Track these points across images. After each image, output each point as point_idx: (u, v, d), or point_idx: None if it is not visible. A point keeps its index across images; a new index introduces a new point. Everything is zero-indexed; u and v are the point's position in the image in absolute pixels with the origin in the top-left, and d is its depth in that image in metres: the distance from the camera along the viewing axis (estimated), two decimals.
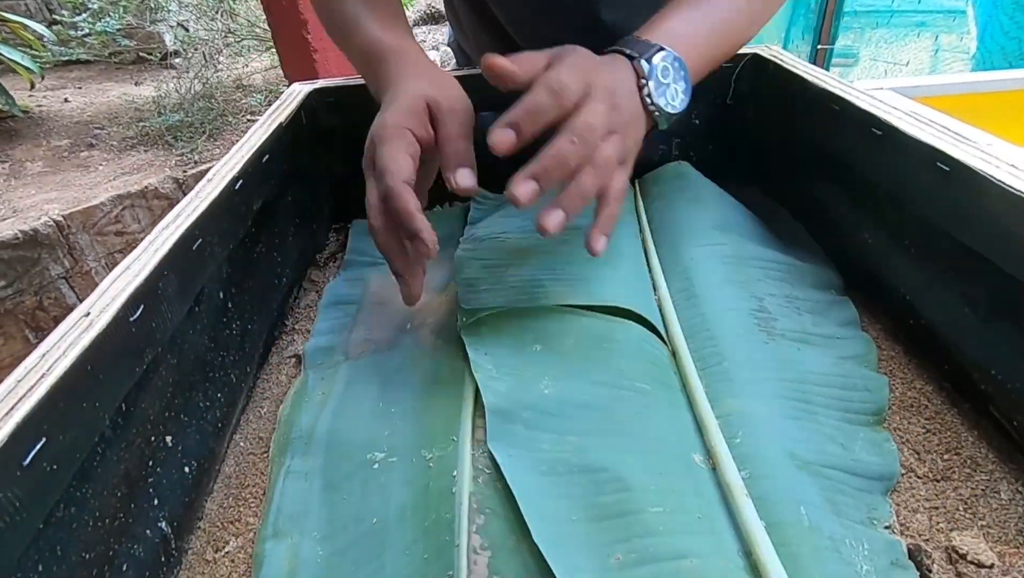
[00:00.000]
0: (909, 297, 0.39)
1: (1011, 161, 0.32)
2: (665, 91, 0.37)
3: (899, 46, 2.23)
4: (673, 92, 0.37)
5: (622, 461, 0.30)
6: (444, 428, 0.32)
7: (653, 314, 0.41)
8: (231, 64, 2.18)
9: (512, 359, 0.35)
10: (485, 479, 0.29)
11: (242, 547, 0.31)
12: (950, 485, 0.30)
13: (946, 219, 0.34)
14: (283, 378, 0.43)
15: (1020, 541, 0.28)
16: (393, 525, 0.29)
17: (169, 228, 0.31)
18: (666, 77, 0.37)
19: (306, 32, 1.19)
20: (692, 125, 0.63)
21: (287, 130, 0.48)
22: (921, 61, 2.23)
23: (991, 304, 0.32)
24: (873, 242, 0.42)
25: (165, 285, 0.29)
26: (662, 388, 0.35)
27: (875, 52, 2.25)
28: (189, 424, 0.32)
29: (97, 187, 1.49)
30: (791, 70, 0.49)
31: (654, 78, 0.36)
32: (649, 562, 0.25)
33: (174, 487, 0.30)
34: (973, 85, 0.58)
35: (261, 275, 0.44)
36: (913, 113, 0.39)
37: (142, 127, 1.76)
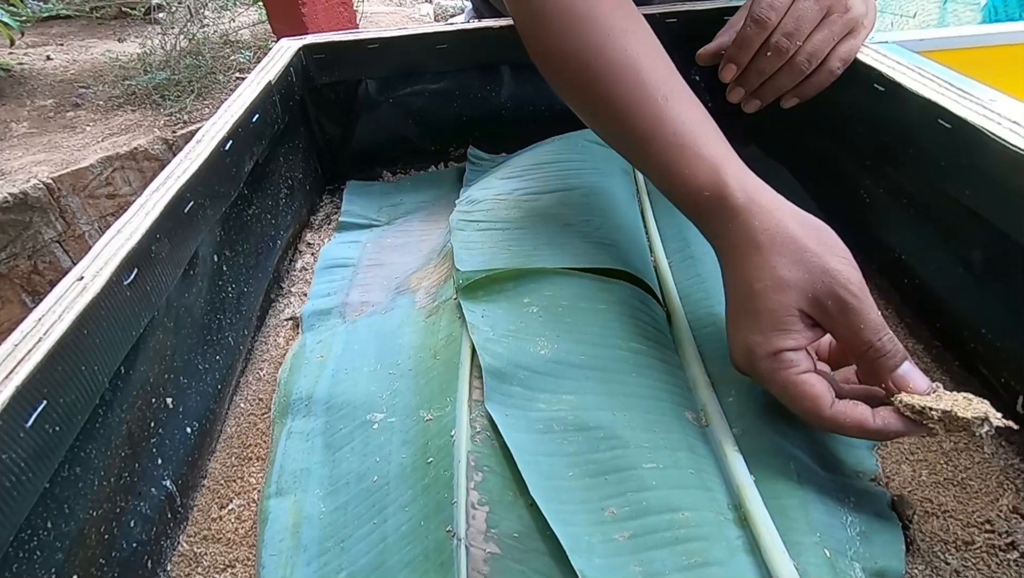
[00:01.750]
0: (904, 256, 0.39)
1: (1013, 117, 0.31)
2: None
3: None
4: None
5: (617, 419, 0.30)
6: (442, 389, 0.32)
7: (649, 276, 0.41)
8: (217, 19, 2.10)
9: (508, 321, 0.35)
10: (483, 438, 0.30)
11: (246, 505, 0.32)
12: (935, 440, 0.31)
13: (945, 177, 0.34)
14: (280, 341, 0.43)
15: (999, 493, 0.29)
16: (394, 483, 0.30)
17: (159, 191, 0.31)
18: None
19: None
20: (692, 83, 0.61)
21: (276, 88, 0.47)
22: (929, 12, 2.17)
23: (985, 263, 0.32)
24: (870, 201, 0.42)
25: (158, 248, 0.28)
26: (657, 348, 0.35)
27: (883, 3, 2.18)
28: (189, 386, 0.33)
29: (86, 148, 1.46)
30: None
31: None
32: (642, 515, 0.26)
33: (177, 447, 0.31)
34: (980, 38, 0.56)
35: (255, 237, 0.43)
36: (917, 68, 0.39)
37: (128, 86, 1.72)
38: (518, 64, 0.58)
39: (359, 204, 0.58)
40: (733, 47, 0.45)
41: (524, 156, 0.55)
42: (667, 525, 0.26)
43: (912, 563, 0.26)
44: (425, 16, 2.79)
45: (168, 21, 1.96)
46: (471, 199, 0.50)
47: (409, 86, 0.59)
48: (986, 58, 0.54)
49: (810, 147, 0.49)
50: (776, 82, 0.45)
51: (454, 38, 0.56)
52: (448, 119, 0.60)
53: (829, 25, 0.42)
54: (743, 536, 0.26)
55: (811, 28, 0.42)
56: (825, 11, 0.42)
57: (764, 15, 0.42)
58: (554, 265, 0.39)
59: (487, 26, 0.55)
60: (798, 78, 0.44)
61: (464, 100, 0.59)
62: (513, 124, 0.60)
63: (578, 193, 0.47)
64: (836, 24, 0.42)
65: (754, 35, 0.43)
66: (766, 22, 0.42)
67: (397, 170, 0.63)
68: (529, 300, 0.37)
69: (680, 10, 0.56)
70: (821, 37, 0.42)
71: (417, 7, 2.92)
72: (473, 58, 0.57)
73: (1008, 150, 0.29)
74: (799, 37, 0.42)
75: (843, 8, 0.42)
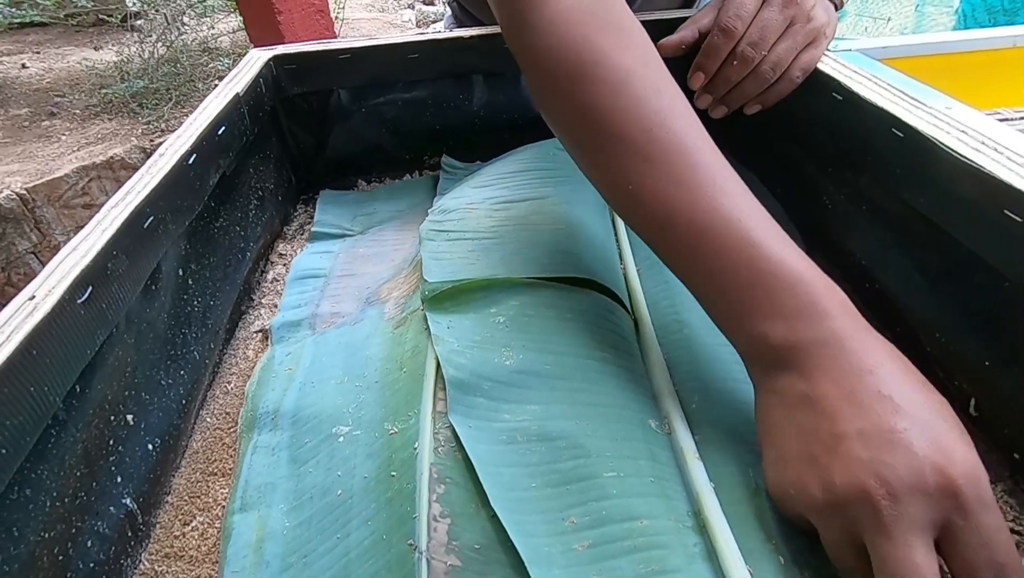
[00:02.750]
0: (865, 262, 0.39)
1: (962, 126, 0.32)
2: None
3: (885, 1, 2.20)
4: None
5: (580, 428, 0.30)
6: (407, 401, 0.32)
7: (618, 284, 0.41)
8: (196, 26, 2.09)
9: (474, 332, 0.35)
10: (446, 450, 0.30)
11: (210, 521, 0.32)
12: None
13: (900, 184, 0.34)
14: (250, 353, 0.43)
15: None
16: (357, 496, 0.30)
17: (118, 206, 0.31)
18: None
19: None
20: None
21: (244, 100, 0.47)
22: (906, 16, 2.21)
23: (938, 269, 0.33)
24: (832, 207, 0.43)
25: (115, 265, 0.28)
26: (623, 356, 0.36)
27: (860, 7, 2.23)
28: (151, 402, 0.32)
29: (61, 158, 1.44)
30: None
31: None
32: (602, 524, 0.26)
33: (138, 464, 0.31)
34: (941, 46, 0.57)
35: (223, 250, 0.43)
36: (874, 77, 0.39)
37: (105, 94, 1.70)
38: (490, 73, 0.58)
39: (332, 213, 0.58)
40: (701, 55, 0.46)
41: (497, 165, 0.56)
42: (626, 534, 0.26)
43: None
44: (407, 22, 2.79)
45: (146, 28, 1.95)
46: (443, 208, 0.50)
47: (382, 95, 0.59)
48: (946, 65, 0.56)
49: (778, 154, 0.50)
50: (742, 90, 0.45)
51: (426, 48, 0.56)
52: (422, 128, 0.60)
53: (792, 35, 0.43)
54: (701, 543, 0.26)
55: (775, 38, 0.43)
56: (789, 21, 0.43)
57: (731, 25, 0.43)
58: (522, 275, 0.39)
59: (459, 36, 0.55)
60: (763, 86, 0.44)
61: (437, 109, 0.59)
62: (487, 132, 0.61)
63: (549, 202, 0.48)
64: (799, 34, 0.43)
65: (721, 44, 0.44)
66: (733, 32, 0.43)
67: (372, 179, 0.63)
68: (496, 310, 0.37)
69: (651, 19, 0.56)
70: (785, 47, 0.43)
71: (399, 13, 2.92)
72: (445, 67, 0.57)
73: (955, 159, 0.29)
74: (764, 47, 0.43)
75: (805, 18, 0.43)
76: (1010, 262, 0.27)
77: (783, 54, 0.43)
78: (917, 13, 2.23)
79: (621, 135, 0.30)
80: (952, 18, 2.08)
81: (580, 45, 0.32)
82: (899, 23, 2.22)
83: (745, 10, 0.43)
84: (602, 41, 0.32)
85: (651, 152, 0.29)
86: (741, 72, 0.44)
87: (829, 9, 0.45)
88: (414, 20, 2.81)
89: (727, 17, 0.43)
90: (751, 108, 0.46)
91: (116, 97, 1.69)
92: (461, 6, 0.72)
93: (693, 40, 0.47)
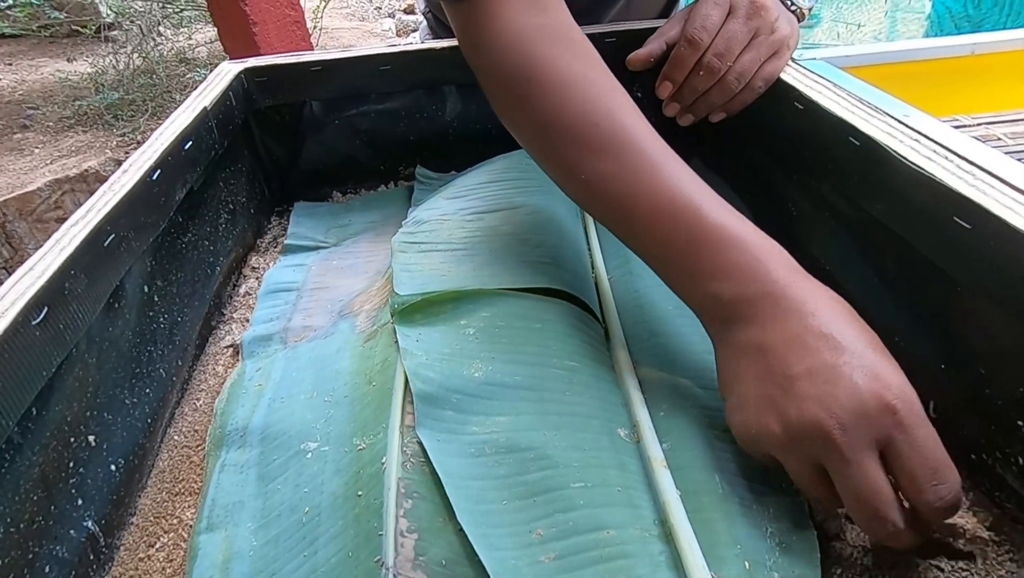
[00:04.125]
0: (829, 267, 0.40)
1: (917, 135, 0.33)
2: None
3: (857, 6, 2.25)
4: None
5: (548, 439, 0.30)
6: (375, 416, 0.32)
7: (589, 294, 0.41)
8: (173, 36, 2.07)
9: (444, 344, 0.35)
10: (413, 465, 0.30)
11: (176, 542, 0.31)
12: None
13: (858, 191, 0.35)
14: (220, 369, 0.42)
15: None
16: (325, 513, 0.30)
17: (78, 224, 0.30)
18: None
19: (243, 4, 1.13)
20: (635, 98, 0.63)
21: (212, 113, 0.46)
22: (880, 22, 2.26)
23: (895, 274, 0.33)
24: (798, 213, 0.43)
25: (73, 285, 0.28)
26: (592, 365, 0.36)
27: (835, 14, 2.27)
28: (115, 422, 0.32)
29: (33, 171, 1.42)
30: None
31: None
32: (569, 536, 0.27)
33: (100, 486, 0.30)
34: (903, 54, 0.59)
35: (191, 265, 0.43)
36: (833, 87, 0.40)
37: (79, 106, 1.68)
38: (463, 84, 0.58)
39: (306, 226, 0.57)
40: (668, 66, 0.47)
41: (470, 175, 0.56)
42: (593, 544, 0.26)
43: (831, 569, 0.27)
44: (387, 31, 2.80)
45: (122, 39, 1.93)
46: (416, 220, 0.50)
47: (356, 107, 0.59)
48: (908, 73, 0.57)
49: (747, 162, 0.51)
50: (708, 99, 0.46)
51: (398, 60, 0.56)
52: (396, 139, 0.60)
53: (757, 46, 0.44)
54: (666, 551, 0.26)
55: (740, 49, 0.44)
56: (753, 32, 0.44)
57: (697, 36, 0.44)
58: (493, 286, 0.39)
59: (430, 47, 0.56)
60: (728, 96, 0.45)
61: (411, 120, 0.60)
62: (461, 143, 0.61)
63: (521, 212, 0.48)
64: (763, 45, 0.44)
65: (688, 55, 0.45)
66: (699, 43, 0.44)
67: (347, 190, 0.63)
68: (466, 322, 0.37)
69: (619, 29, 0.57)
70: (749, 57, 0.44)
71: (379, 22, 2.92)
72: (418, 79, 0.58)
73: (908, 167, 0.30)
74: (729, 57, 0.44)
75: (769, 30, 0.44)
76: (960, 268, 0.28)
77: (748, 64, 0.44)
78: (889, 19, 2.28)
79: (572, 130, 0.33)
80: (924, 24, 2.14)
81: (528, 55, 0.34)
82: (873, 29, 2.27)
83: (711, 22, 0.44)
84: (549, 50, 0.34)
85: (600, 143, 0.32)
86: (707, 82, 0.45)
87: (792, 21, 0.47)
88: (394, 29, 2.81)
89: (693, 28, 0.44)
90: (716, 116, 0.47)
91: (90, 109, 1.67)
92: (436, 18, 0.73)
93: (661, 52, 0.48)
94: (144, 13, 1.92)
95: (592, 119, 0.32)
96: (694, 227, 0.29)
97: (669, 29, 0.48)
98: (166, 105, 1.72)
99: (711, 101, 0.46)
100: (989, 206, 0.26)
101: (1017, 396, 0.26)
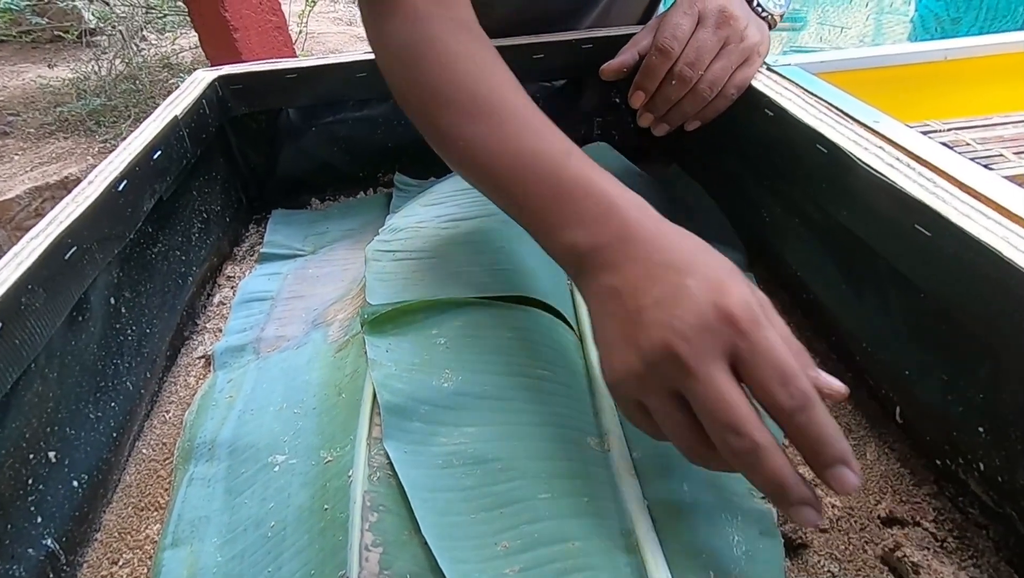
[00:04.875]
0: (800, 273, 0.40)
1: (882, 142, 0.33)
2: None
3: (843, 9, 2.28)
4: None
5: (516, 449, 0.30)
6: (343, 428, 0.32)
7: (564, 301, 0.41)
8: (157, 42, 2.06)
9: (414, 354, 0.35)
10: (380, 477, 0.29)
11: (140, 558, 0.31)
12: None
13: (826, 198, 0.35)
14: (191, 380, 0.42)
15: (879, 496, 0.30)
16: (291, 528, 0.29)
17: (38, 238, 0.30)
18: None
19: (224, 10, 1.13)
20: (613, 104, 0.63)
21: (184, 122, 0.46)
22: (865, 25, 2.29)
23: (863, 280, 0.34)
24: (770, 219, 0.44)
25: (31, 299, 0.27)
26: (564, 373, 0.36)
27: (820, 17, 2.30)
28: (77, 437, 0.31)
29: (13, 179, 1.40)
30: None
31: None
32: (534, 548, 0.26)
33: (61, 503, 0.29)
34: (875, 59, 0.59)
35: (161, 276, 0.42)
36: (802, 93, 0.41)
37: (60, 112, 1.66)
38: None
39: (283, 233, 0.57)
40: (640, 76, 0.47)
41: (448, 182, 0.56)
42: (557, 556, 0.26)
43: (795, 574, 0.27)
44: None
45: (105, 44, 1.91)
46: (393, 227, 0.50)
47: (333, 114, 0.58)
48: (881, 78, 0.58)
49: (723, 168, 0.51)
50: (681, 108, 0.46)
51: (374, 67, 0.55)
52: (374, 145, 0.60)
53: (727, 55, 0.44)
54: (631, 562, 0.26)
55: (711, 57, 0.44)
56: (723, 41, 0.44)
57: (668, 45, 0.44)
58: (465, 295, 0.39)
59: None
60: (701, 104, 0.45)
61: (389, 126, 0.59)
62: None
63: (496, 219, 0.48)
64: (733, 53, 0.44)
65: (659, 64, 0.45)
66: (670, 52, 0.44)
67: (326, 197, 0.62)
68: (437, 331, 0.37)
69: (596, 36, 0.57)
70: (720, 66, 0.44)
71: None
72: None
73: (871, 174, 0.30)
74: (700, 66, 0.44)
75: (739, 38, 0.44)
76: (922, 274, 0.28)
77: (719, 73, 0.44)
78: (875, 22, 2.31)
79: (452, 98, 0.34)
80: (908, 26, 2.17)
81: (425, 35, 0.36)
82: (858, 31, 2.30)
83: (681, 31, 0.44)
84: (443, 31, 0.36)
85: (476, 109, 0.33)
86: (680, 91, 0.45)
87: (762, 28, 0.47)
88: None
89: (664, 38, 0.44)
90: (691, 124, 0.47)
91: (72, 115, 1.65)
92: None
93: (633, 63, 0.48)
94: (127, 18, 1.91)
95: (471, 88, 0.34)
96: (554, 180, 0.30)
97: (641, 39, 0.48)
98: (149, 111, 1.70)
99: (684, 110, 0.46)
100: (948, 214, 0.26)
101: (977, 402, 0.27)
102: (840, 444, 0.22)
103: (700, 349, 0.23)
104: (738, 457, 0.22)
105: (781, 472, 0.22)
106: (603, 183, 0.29)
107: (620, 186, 0.30)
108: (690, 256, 0.26)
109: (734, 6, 0.44)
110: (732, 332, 0.23)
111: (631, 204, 0.28)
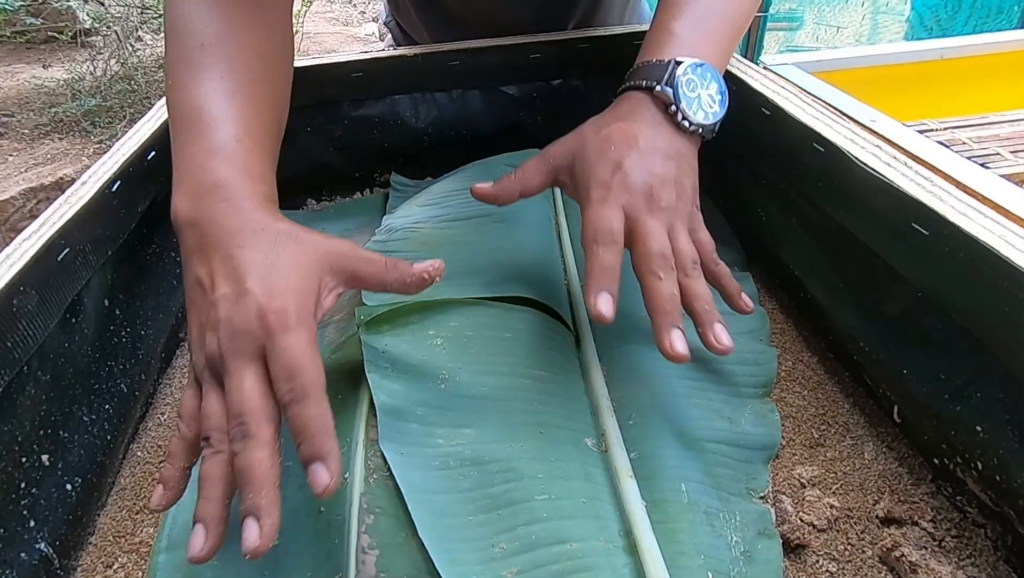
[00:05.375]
0: (797, 272, 0.40)
1: (879, 141, 0.33)
2: (698, 103, 0.34)
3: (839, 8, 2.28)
4: (707, 99, 0.35)
5: (514, 450, 0.30)
6: (340, 430, 0.32)
7: (561, 302, 0.41)
8: (152, 41, 2.05)
9: (411, 355, 0.35)
10: (376, 479, 0.29)
11: (135, 562, 0.31)
12: (822, 450, 0.32)
13: (822, 197, 0.35)
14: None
15: (877, 497, 0.30)
16: (288, 529, 0.29)
17: (30, 239, 0.30)
18: (693, 89, 0.34)
19: None
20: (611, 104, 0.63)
21: None
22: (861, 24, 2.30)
23: (860, 280, 0.34)
24: (767, 219, 0.43)
25: (23, 301, 0.27)
26: (561, 374, 0.35)
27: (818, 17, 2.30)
28: (70, 440, 0.31)
29: (8, 180, 1.40)
30: None
31: (682, 98, 0.34)
32: (531, 549, 0.26)
33: (55, 506, 0.29)
34: (872, 59, 0.60)
35: (156, 277, 0.42)
36: (799, 92, 0.40)
37: (55, 113, 1.65)
38: (436, 89, 0.58)
39: None
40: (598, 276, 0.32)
41: (445, 182, 0.56)
42: (555, 558, 0.26)
43: (794, 574, 0.27)
44: (370, 35, 2.79)
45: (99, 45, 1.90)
46: (390, 228, 0.50)
47: (328, 114, 0.58)
48: (877, 77, 0.58)
49: (720, 168, 0.51)
50: (693, 305, 0.33)
51: (369, 67, 0.56)
52: (370, 145, 0.60)
53: (678, 228, 0.34)
54: (630, 564, 0.26)
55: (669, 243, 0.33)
56: (667, 222, 0.34)
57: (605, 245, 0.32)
58: (463, 295, 0.39)
59: (402, 54, 0.55)
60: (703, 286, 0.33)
61: (385, 126, 0.59)
62: (436, 149, 0.60)
63: (492, 219, 0.48)
64: (681, 220, 0.35)
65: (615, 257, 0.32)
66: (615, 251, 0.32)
67: (322, 197, 0.62)
68: (434, 332, 0.37)
69: (593, 35, 0.57)
70: (683, 241, 0.34)
71: (363, 26, 2.92)
72: (390, 85, 0.57)
73: (868, 173, 0.30)
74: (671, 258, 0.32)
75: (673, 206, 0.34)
76: (919, 273, 0.28)
77: (686, 248, 0.34)
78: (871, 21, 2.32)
79: (185, 42, 0.34)
80: (904, 25, 2.17)
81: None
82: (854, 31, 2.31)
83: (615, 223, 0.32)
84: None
85: (196, 59, 0.33)
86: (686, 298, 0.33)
87: (681, 160, 0.36)
88: (377, 33, 2.81)
89: (599, 231, 0.32)
90: (743, 303, 0.35)
91: (67, 116, 1.64)
92: (400, 26, 0.72)
93: (509, 202, 0.39)
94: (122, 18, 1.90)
95: (205, 40, 0.33)
96: (204, 145, 0.31)
97: (532, 178, 0.38)
98: (145, 111, 1.70)
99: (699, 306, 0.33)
100: (945, 213, 0.26)
101: (975, 401, 0.26)
102: (321, 443, 0.25)
103: (231, 352, 0.26)
104: (234, 442, 0.26)
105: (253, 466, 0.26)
106: (232, 172, 0.31)
107: (258, 182, 0.31)
108: (261, 260, 0.28)
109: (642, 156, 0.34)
110: (263, 335, 0.26)
111: (240, 195, 0.30)
